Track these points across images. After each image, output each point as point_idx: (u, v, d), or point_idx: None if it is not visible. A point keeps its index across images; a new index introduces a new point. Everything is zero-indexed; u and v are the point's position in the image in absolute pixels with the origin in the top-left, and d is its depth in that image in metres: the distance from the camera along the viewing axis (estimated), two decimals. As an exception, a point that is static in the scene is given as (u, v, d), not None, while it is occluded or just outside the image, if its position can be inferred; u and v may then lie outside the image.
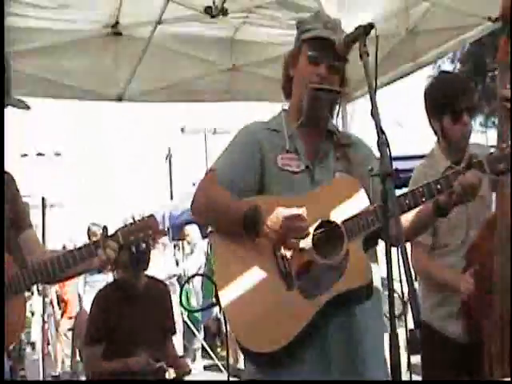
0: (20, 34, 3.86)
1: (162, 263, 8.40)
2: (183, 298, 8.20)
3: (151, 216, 2.43)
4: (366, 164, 2.19)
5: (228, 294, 2.13)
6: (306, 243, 2.08)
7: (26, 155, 7.48)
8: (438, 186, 2.07)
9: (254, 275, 2.13)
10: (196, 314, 8.50)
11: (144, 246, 2.44)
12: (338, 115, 2.38)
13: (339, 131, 2.36)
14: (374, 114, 1.84)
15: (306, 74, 2.23)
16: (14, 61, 2.47)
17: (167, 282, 8.21)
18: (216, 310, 7.84)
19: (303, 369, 2.10)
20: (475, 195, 2.05)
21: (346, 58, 2.23)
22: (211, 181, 2.26)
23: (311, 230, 2.09)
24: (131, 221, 2.39)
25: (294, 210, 2.06)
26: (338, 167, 2.26)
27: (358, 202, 2.12)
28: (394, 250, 1.77)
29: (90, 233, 7.18)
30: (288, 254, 2.10)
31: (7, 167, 2.63)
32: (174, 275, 8.37)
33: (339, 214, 2.11)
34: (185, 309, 6.31)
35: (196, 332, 8.53)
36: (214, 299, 2.23)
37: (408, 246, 2.80)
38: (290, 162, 2.24)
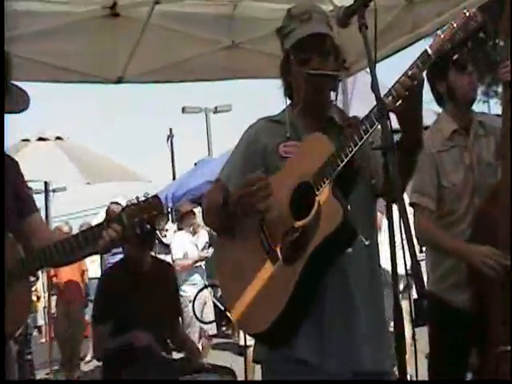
0: (17, 18, 3.83)
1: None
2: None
3: (155, 196, 2.42)
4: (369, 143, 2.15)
5: (226, 285, 2.30)
6: (284, 211, 2.11)
7: (27, 140, 7.42)
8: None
9: (244, 262, 2.21)
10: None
11: (149, 226, 2.44)
12: (336, 96, 2.36)
13: (341, 113, 2.36)
14: (375, 87, 1.84)
15: (302, 76, 2.23)
16: (12, 46, 2.45)
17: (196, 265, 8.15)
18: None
19: (300, 336, 2.11)
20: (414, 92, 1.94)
21: (334, 37, 2.24)
22: (215, 189, 2.36)
23: (288, 196, 2.12)
24: (135, 201, 2.38)
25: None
26: None
27: (327, 154, 2.09)
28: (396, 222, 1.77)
29: (109, 211, 7.14)
30: (270, 230, 2.14)
31: (9, 152, 2.63)
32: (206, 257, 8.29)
33: (312, 171, 2.10)
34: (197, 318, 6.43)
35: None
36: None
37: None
38: (291, 149, 2.26)
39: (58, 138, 8.03)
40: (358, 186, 2.12)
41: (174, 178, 19.70)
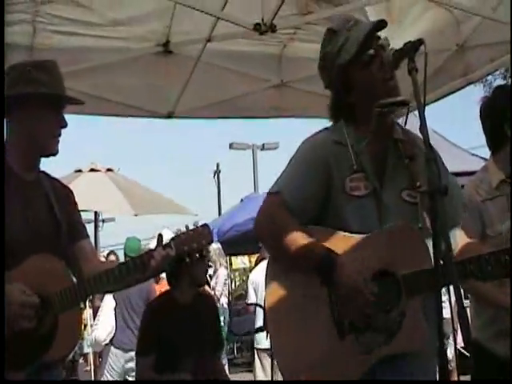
0: (73, 53, 3.98)
1: None
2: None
3: (205, 225, 2.42)
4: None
5: (277, 328, 2.11)
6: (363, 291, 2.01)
7: (80, 171, 7.65)
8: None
9: (306, 313, 2.08)
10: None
11: (198, 255, 2.41)
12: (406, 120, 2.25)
13: (404, 136, 2.24)
14: (423, 130, 1.82)
15: (369, 85, 2.14)
16: (68, 80, 2.55)
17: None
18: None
19: None
20: None
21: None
22: (277, 205, 2.15)
23: (369, 277, 2.02)
24: (184, 230, 2.39)
25: (367, 291, 1.99)
26: (404, 183, 2.18)
27: (420, 256, 2.04)
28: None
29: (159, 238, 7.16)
30: (343, 301, 2.03)
31: (64, 181, 2.74)
32: None
33: (399, 265, 2.04)
34: (234, 334, 6.21)
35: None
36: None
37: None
38: (357, 183, 2.14)
39: (109, 170, 8.21)
40: None
41: (219, 213, 19.81)
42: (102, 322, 6.64)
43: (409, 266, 2.04)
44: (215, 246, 8.62)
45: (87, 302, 7.48)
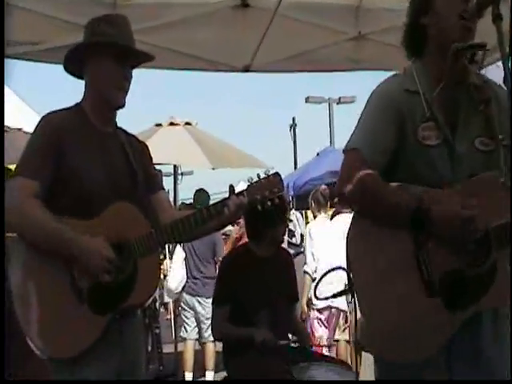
0: (153, 9, 4.03)
1: None
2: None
3: (276, 174, 2.47)
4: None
5: (364, 289, 2.09)
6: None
7: (160, 125, 7.82)
8: None
9: (393, 274, 2.06)
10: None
11: (269, 204, 2.45)
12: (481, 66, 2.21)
13: (478, 79, 2.19)
14: (507, 81, 1.77)
15: (446, 12, 2.09)
16: (146, 35, 2.60)
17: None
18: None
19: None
20: None
21: None
22: (359, 165, 2.10)
23: None
24: (256, 179, 2.45)
25: (467, 213, 1.97)
26: (478, 131, 2.14)
27: (506, 208, 1.95)
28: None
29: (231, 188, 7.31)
30: (432, 256, 2.02)
31: (141, 137, 2.83)
32: None
33: (486, 217, 2.00)
34: (316, 298, 6.15)
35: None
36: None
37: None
38: (429, 132, 2.11)
39: (187, 124, 8.33)
40: None
41: (295, 167, 19.81)
42: (174, 272, 7.02)
43: (495, 218, 2.00)
44: None
45: (167, 254, 7.70)
